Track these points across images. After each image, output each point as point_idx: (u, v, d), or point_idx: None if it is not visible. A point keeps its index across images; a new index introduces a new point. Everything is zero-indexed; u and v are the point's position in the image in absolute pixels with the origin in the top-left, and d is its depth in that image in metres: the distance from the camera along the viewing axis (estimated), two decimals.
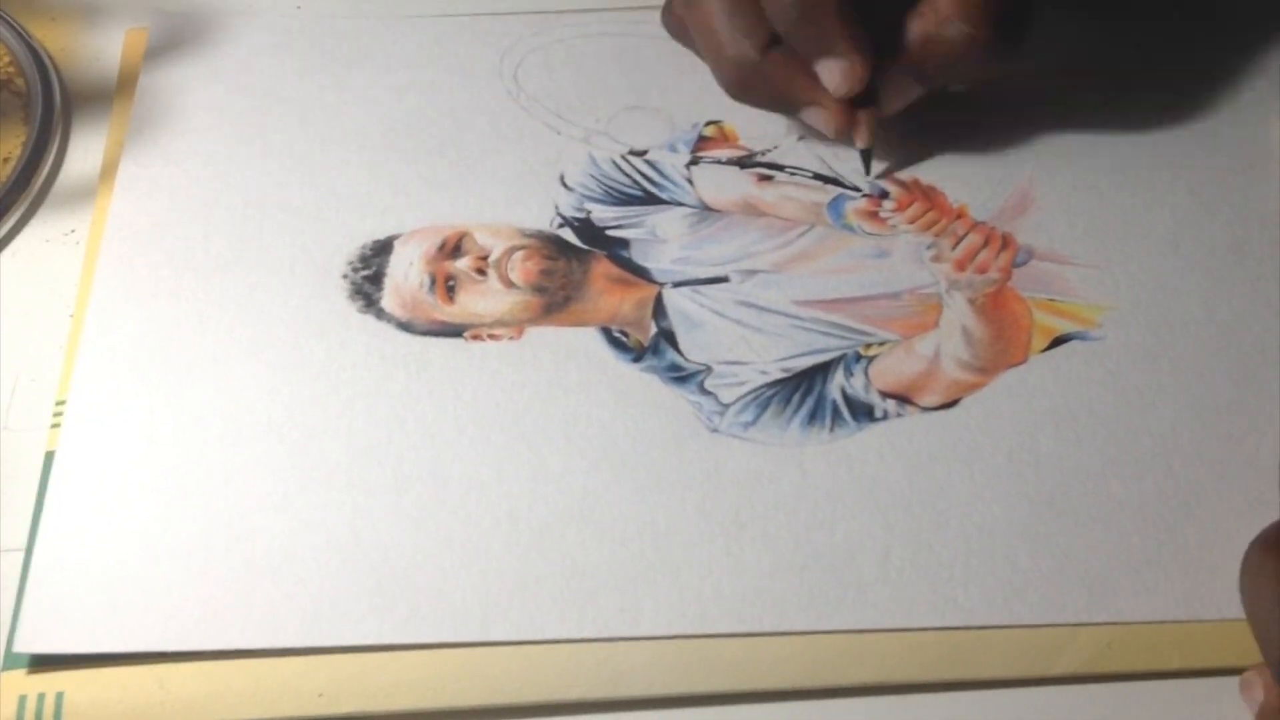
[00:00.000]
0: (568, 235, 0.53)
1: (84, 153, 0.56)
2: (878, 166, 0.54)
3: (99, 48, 0.60)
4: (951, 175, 0.54)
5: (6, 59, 0.58)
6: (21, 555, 0.44)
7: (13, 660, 0.42)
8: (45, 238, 0.54)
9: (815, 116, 0.53)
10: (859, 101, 0.52)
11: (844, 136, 0.53)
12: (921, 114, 0.53)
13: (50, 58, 0.59)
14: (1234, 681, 0.42)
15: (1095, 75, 0.57)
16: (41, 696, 0.42)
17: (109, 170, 0.54)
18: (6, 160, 0.55)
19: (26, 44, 0.58)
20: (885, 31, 0.51)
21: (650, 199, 0.54)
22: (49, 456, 0.46)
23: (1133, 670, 0.42)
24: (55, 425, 0.47)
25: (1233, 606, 0.42)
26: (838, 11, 0.49)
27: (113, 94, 0.57)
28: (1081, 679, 0.42)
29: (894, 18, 0.51)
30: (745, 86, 0.53)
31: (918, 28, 0.50)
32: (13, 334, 0.50)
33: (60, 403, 0.48)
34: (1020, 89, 0.56)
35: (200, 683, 0.42)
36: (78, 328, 0.50)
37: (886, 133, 0.54)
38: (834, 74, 0.51)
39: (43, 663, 0.42)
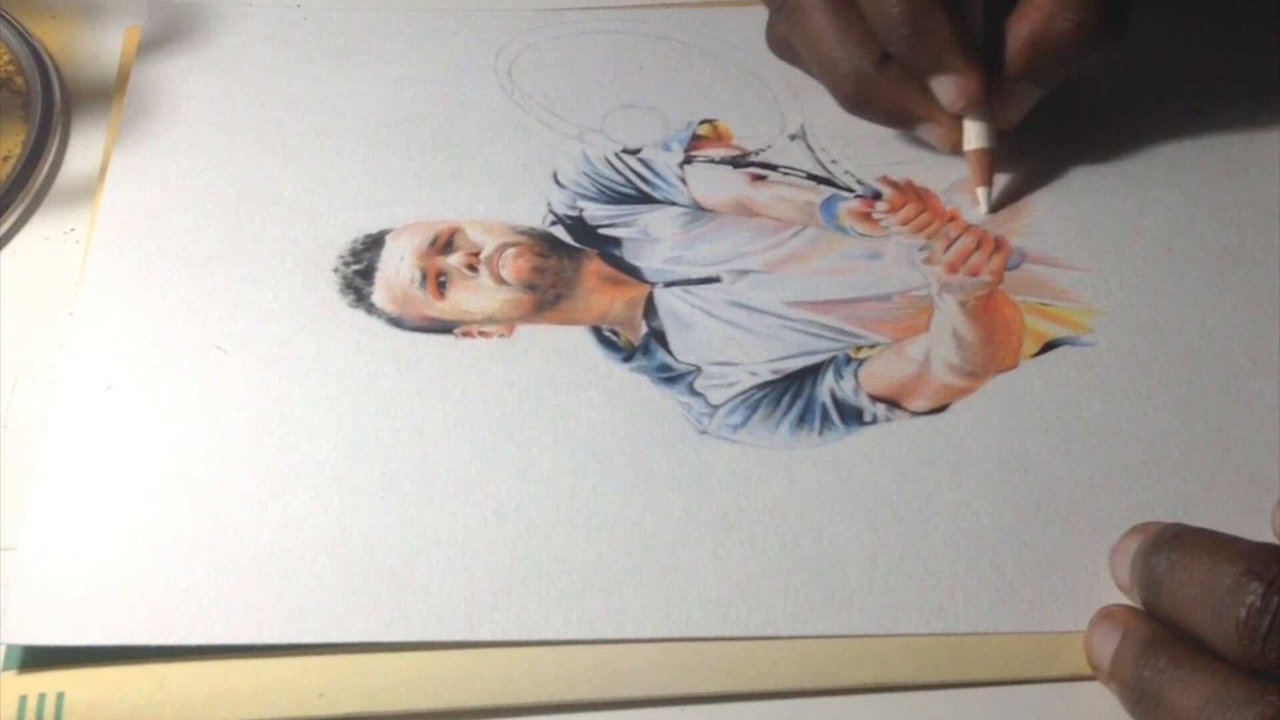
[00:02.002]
0: (560, 233, 0.52)
1: (84, 151, 0.56)
2: (997, 185, 0.53)
3: (99, 46, 0.60)
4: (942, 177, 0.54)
5: (6, 57, 0.58)
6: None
7: (12, 659, 0.42)
8: (45, 236, 0.53)
9: (931, 133, 0.53)
10: (975, 116, 0.52)
11: (960, 151, 0.53)
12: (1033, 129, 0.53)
13: (50, 56, 0.58)
14: None
15: (1090, 78, 0.57)
16: (42, 696, 0.41)
17: (108, 168, 0.54)
18: (6, 159, 0.55)
19: (26, 42, 0.58)
20: (993, 42, 0.51)
21: (643, 198, 0.54)
22: None
23: None
24: None
25: None
26: (948, 28, 0.49)
27: (112, 92, 0.57)
28: (1081, 678, 0.42)
29: (997, 26, 0.51)
30: (862, 102, 0.52)
31: (1024, 28, 0.50)
32: (12, 333, 0.50)
33: None
34: None
35: (200, 683, 0.42)
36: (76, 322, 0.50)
37: (1003, 149, 0.53)
38: (948, 90, 0.51)
39: (37, 658, 0.42)
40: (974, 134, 0.52)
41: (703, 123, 0.56)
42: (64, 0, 0.61)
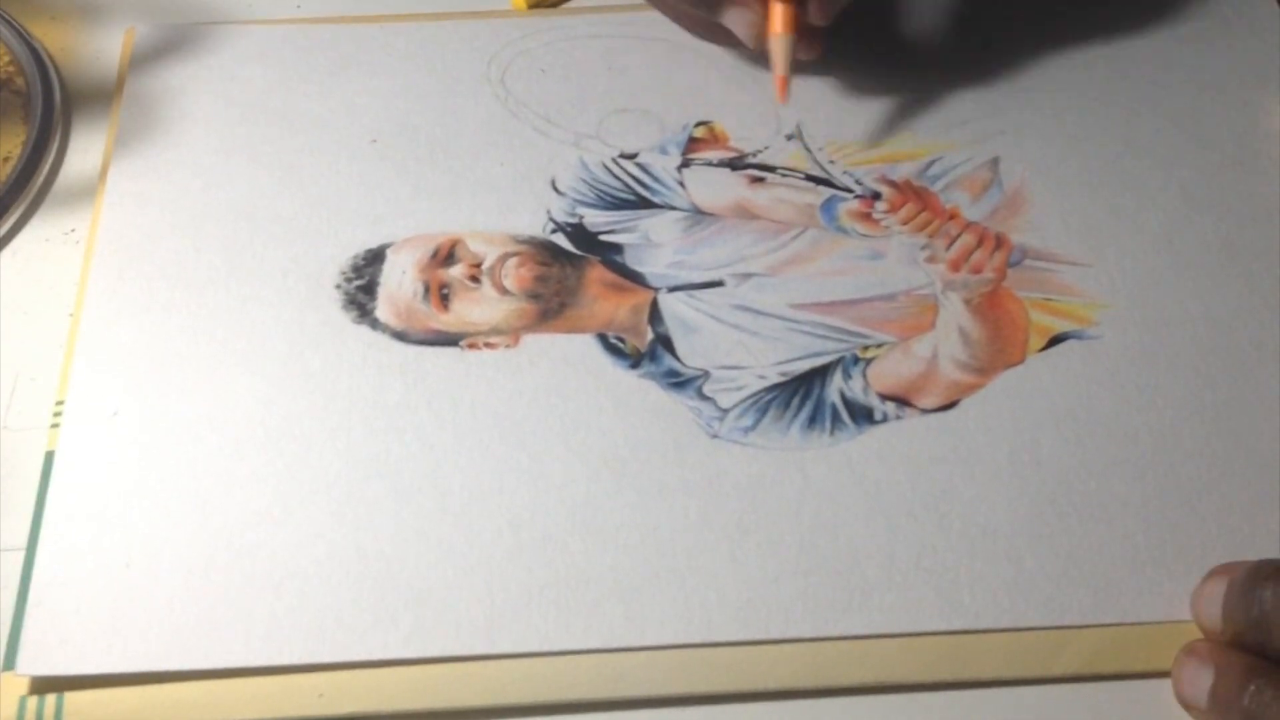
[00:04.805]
0: (561, 241, 0.52)
1: (84, 152, 0.56)
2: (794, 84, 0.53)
3: (99, 47, 0.59)
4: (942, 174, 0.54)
5: (6, 58, 0.58)
6: (21, 554, 0.44)
7: (11, 660, 0.42)
8: (45, 237, 0.53)
9: (739, 19, 0.52)
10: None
11: (763, 44, 0.52)
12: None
13: (50, 57, 0.58)
14: None
15: (1087, 74, 0.57)
16: (42, 696, 0.42)
17: (109, 169, 0.54)
18: (6, 159, 0.55)
19: (26, 43, 0.58)
20: None
21: (642, 202, 0.54)
22: (49, 456, 0.46)
23: (1133, 670, 0.43)
24: (55, 425, 0.47)
25: None
26: None
27: (112, 93, 0.57)
28: (1082, 678, 0.43)
29: None
30: None
31: None
32: (13, 333, 0.50)
33: (60, 402, 0.47)
34: (1013, 86, 0.56)
35: (200, 683, 0.42)
36: (77, 327, 0.49)
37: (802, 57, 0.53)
38: None
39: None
40: (780, 20, 0.51)
41: (699, 125, 0.56)
42: (64, 1, 0.61)
